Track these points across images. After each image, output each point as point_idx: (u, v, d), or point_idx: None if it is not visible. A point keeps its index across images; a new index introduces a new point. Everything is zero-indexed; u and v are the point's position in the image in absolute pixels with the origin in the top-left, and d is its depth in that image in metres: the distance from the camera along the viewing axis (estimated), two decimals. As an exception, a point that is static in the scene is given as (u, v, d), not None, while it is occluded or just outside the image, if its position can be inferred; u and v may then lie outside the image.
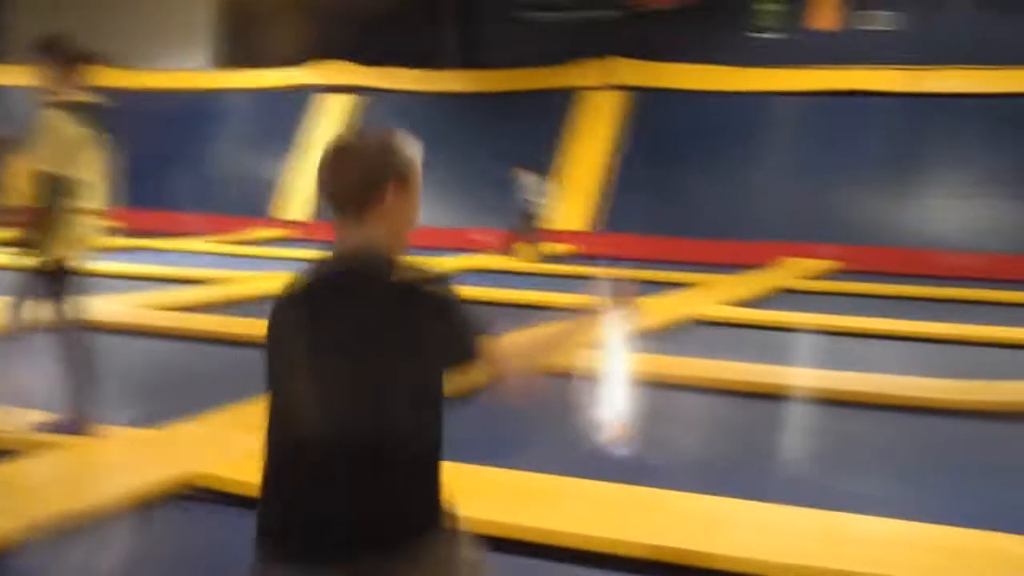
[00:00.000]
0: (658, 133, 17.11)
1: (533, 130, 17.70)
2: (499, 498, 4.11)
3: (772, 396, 6.38)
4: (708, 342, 8.19)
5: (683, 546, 3.67)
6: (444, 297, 2.12)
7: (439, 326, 2.09)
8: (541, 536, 3.81)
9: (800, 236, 15.22)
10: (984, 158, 15.55)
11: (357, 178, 2.14)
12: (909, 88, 16.28)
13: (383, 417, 2.07)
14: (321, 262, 2.18)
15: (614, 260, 14.42)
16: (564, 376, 2.87)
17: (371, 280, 2.09)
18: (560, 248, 15.81)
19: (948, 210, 15.37)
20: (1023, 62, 15.81)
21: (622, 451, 2.79)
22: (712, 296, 10.79)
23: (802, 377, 6.70)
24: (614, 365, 2.51)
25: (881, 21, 16.84)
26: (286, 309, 2.16)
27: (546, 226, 15.10)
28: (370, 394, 2.06)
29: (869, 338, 8.73)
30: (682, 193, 16.15)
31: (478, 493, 4.18)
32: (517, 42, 19.11)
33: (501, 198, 15.09)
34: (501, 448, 5.07)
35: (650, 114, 17.39)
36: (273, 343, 2.17)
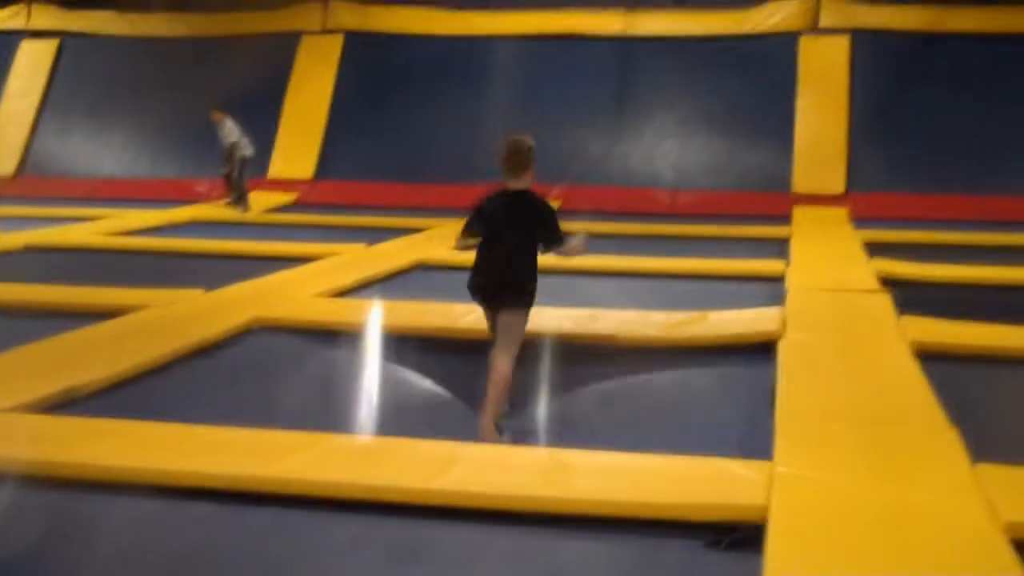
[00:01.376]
0: (378, 78, 16.99)
1: (253, 76, 17.28)
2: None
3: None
4: (435, 286, 8.21)
5: (411, 485, 3.74)
6: (550, 208, 5.29)
7: (545, 219, 5.23)
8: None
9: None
10: (695, 98, 16.17)
11: (522, 160, 5.23)
12: (622, 31, 16.74)
13: (521, 241, 5.18)
14: (502, 190, 5.24)
15: (337, 207, 14.30)
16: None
17: (523, 196, 5.23)
18: (281, 197, 15.54)
19: (662, 149, 15.92)
20: (729, 4, 16.50)
21: None
22: (439, 241, 10.81)
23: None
24: None
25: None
26: (491, 199, 5.28)
27: (253, 172, 14.72)
28: (520, 235, 5.19)
29: (588, 276, 8.93)
30: (404, 138, 16.13)
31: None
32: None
33: (220, 147, 14.60)
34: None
35: (370, 58, 17.25)
36: (486, 212, 5.26)
